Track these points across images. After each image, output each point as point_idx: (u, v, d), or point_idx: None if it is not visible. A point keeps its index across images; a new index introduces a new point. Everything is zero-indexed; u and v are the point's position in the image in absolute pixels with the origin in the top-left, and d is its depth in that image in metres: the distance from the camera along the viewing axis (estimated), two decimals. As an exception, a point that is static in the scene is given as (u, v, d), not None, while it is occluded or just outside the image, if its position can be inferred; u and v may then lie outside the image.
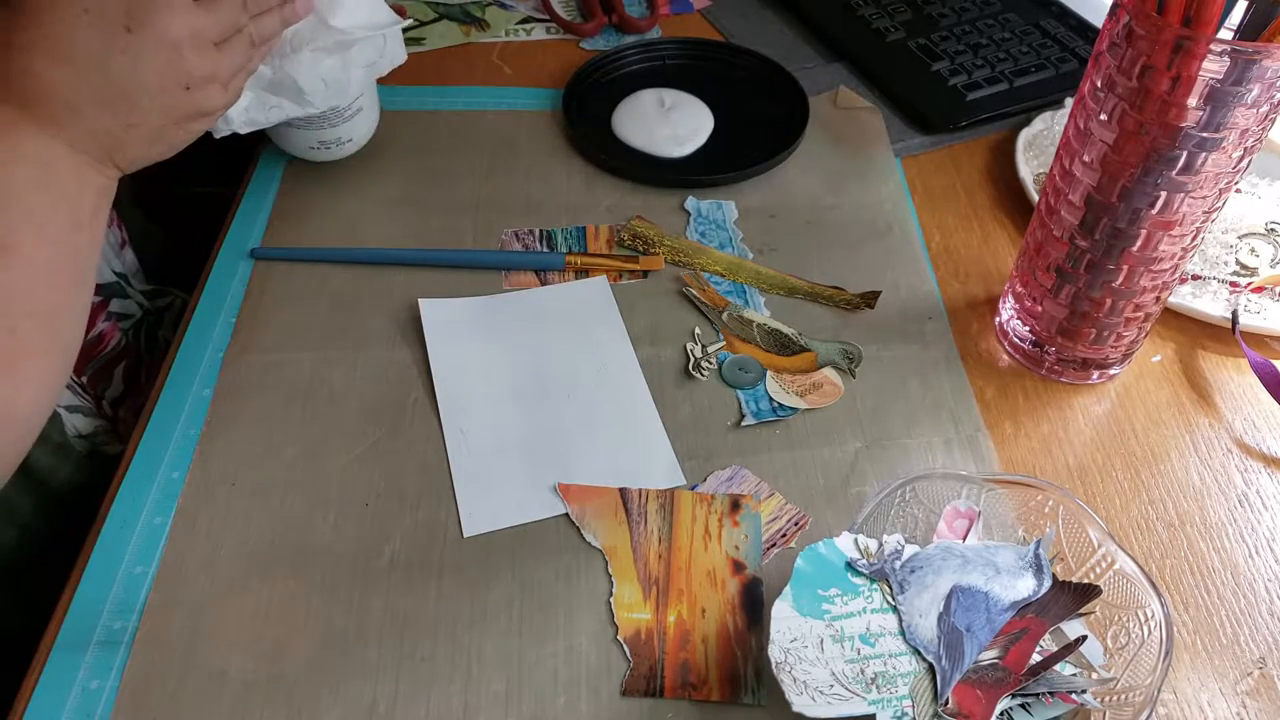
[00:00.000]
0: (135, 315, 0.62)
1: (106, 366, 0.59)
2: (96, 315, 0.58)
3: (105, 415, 0.58)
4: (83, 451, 0.56)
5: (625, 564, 0.46)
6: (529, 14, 0.83)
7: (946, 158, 0.71)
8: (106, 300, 0.59)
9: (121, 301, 0.60)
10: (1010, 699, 0.40)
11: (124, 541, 0.46)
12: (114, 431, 0.59)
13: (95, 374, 0.58)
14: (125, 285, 0.61)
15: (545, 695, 0.42)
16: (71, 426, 0.55)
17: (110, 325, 0.59)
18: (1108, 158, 0.47)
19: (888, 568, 0.41)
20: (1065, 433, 0.54)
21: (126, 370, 0.61)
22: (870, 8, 0.81)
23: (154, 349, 0.63)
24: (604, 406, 0.53)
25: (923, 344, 0.57)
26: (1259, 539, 0.49)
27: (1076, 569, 0.44)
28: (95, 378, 0.58)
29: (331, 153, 0.64)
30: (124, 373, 0.61)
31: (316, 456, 0.50)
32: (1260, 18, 0.42)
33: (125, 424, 0.60)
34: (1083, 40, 0.78)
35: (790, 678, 0.38)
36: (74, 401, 0.55)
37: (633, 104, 0.71)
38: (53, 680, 0.42)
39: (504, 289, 0.59)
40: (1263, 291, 0.60)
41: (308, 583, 0.45)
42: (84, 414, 0.56)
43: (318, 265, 0.60)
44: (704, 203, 0.65)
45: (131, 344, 0.61)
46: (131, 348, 0.61)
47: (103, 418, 0.58)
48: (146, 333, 0.63)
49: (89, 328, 0.57)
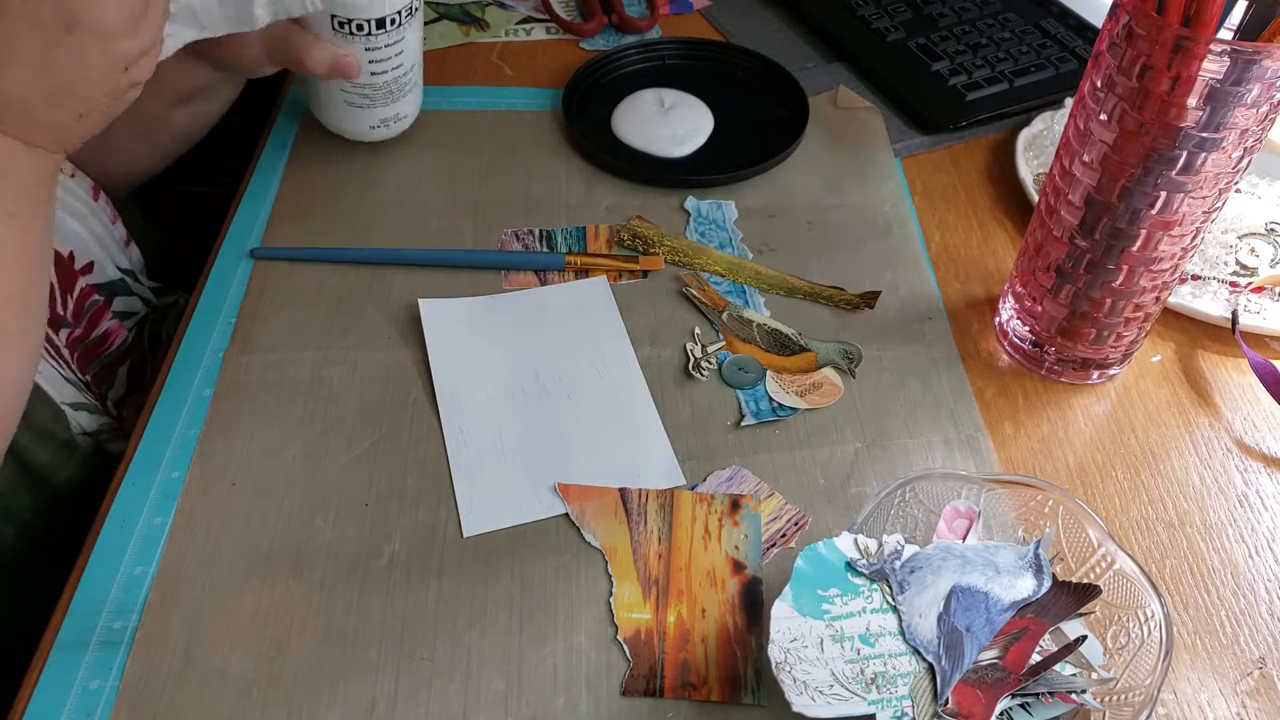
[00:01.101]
0: (139, 313, 0.62)
1: (111, 365, 0.59)
2: (102, 314, 0.58)
3: (110, 414, 0.58)
4: (87, 449, 0.56)
5: (625, 564, 0.46)
6: (529, 14, 0.83)
7: (946, 158, 0.71)
8: (110, 299, 0.59)
9: (126, 299, 0.61)
10: (1010, 699, 0.40)
11: (124, 541, 0.46)
12: (119, 430, 0.59)
13: (99, 373, 0.58)
14: (130, 282, 0.61)
15: (545, 695, 0.42)
16: (76, 423, 0.55)
17: (116, 324, 0.59)
18: (1108, 158, 0.47)
19: (888, 568, 0.41)
20: (1065, 433, 0.54)
21: (130, 370, 0.61)
22: (870, 8, 0.81)
23: (156, 348, 0.63)
24: (604, 406, 0.53)
25: (923, 344, 0.57)
26: (1259, 539, 0.49)
27: (1076, 569, 0.44)
28: (99, 377, 0.58)
29: (390, 130, 0.66)
30: (128, 372, 0.61)
31: (316, 456, 0.50)
32: (1260, 18, 0.42)
33: (129, 423, 0.60)
34: (1083, 40, 0.78)
35: (790, 678, 0.38)
36: (79, 399, 0.55)
37: (633, 104, 0.71)
38: (53, 680, 0.42)
39: (504, 289, 0.59)
40: (1263, 291, 0.60)
41: (308, 582, 0.45)
42: (89, 411, 0.56)
43: (318, 265, 0.60)
44: (704, 203, 0.65)
45: (135, 343, 0.62)
46: (135, 347, 0.61)
47: (108, 415, 0.58)
48: (150, 330, 0.63)
49: (95, 326, 0.58)
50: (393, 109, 0.64)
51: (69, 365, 0.55)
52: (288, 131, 0.69)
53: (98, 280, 0.58)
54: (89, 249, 0.57)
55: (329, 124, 0.65)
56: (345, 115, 0.64)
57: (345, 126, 0.65)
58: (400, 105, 0.64)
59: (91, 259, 0.57)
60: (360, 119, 0.64)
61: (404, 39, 0.60)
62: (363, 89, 0.62)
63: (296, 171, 0.66)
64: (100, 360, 0.58)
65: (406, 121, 0.67)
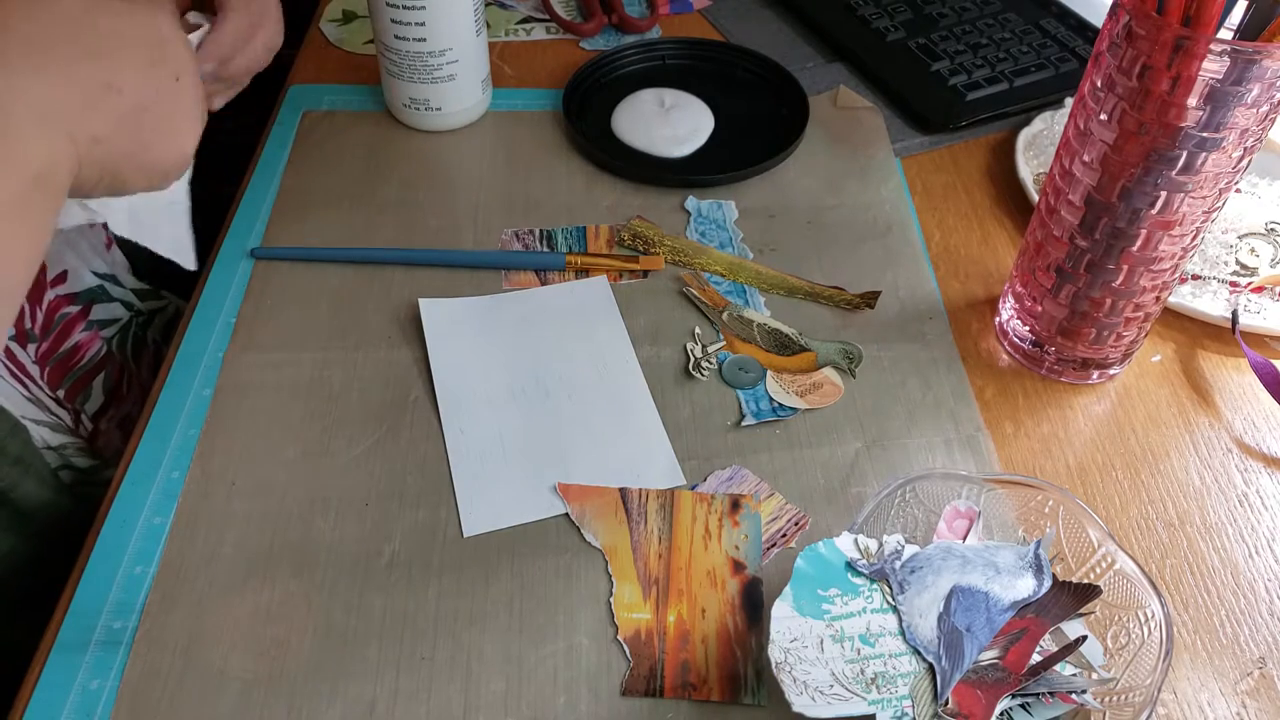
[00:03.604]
0: (121, 319, 0.61)
1: (84, 378, 0.58)
2: (74, 325, 0.57)
3: (83, 430, 0.57)
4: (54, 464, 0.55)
5: (625, 564, 0.46)
6: (529, 14, 0.83)
7: (946, 158, 0.71)
8: (87, 308, 0.58)
9: (105, 306, 0.59)
10: (1010, 699, 0.40)
11: (124, 541, 0.46)
12: (89, 446, 0.57)
13: (73, 386, 0.57)
14: (110, 287, 0.60)
15: (545, 695, 0.42)
16: (40, 438, 0.54)
17: (88, 335, 0.58)
18: (1108, 158, 0.47)
19: (888, 568, 0.41)
20: (1065, 433, 0.54)
21: (107, 380, 0.60)
22: (870, 8, 0.81)
23: (140, 353, 0.62)
24: (604, 406, 0.53)
25: (923, 344, 0.57)
26: (1259, 539, 0.49)
27: (1076, 569, 0.44)
28: (72, 390, 0.57)
29: (422, 116, 0.68)
30: (104, 383, 0.59)
31: (316, 456, 0.50)
32: (1260, 18, 0.42)
33: (106, 436, 0.58)
34: (1083, 40, 0.78)
35: (790, 678, 0.38)
36: (41, 417, 0.54)
37: (633, 104, 0.71)
38: (52, 680, 0.42)
39: (504, 289, 0.59)
40: (1263, 291, 0.60)
41: (308, 582, 0.45)
42: (51, 428, 0.55)
43: (318, 265, 0.60)
44: (704, 203, 0.65)
45: (115, 352, 0.60)
46: (113, 356, 0.60)
47: (78, 435, 0.57)
48: (135, 335, 0.62)
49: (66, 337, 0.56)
50: (423, 92, 0.66)
51: (35, 382, 0.54)
52: (288, 131, 0.69)
53: (72, 290, 0.56)
54: (62, 258, 0.55)
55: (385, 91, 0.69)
56: (386, 82, 0.68)
57: (386, 96, 0.69)
58: (433, 91, 0.66)
59: (65, 268, 0.56)
60: (394, 91, 0.68)
61: (426, 8, 0.62)
62: (390, 53, 0.65)
63: (296, 171, 0.66)
64: (73, 373, 0.57)
65: (443, 116, 0.68)
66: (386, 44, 0.65)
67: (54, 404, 0.55)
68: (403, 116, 0.69)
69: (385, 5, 0.63)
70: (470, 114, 0.70)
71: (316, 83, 0.74)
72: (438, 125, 0.69)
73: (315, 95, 0.73)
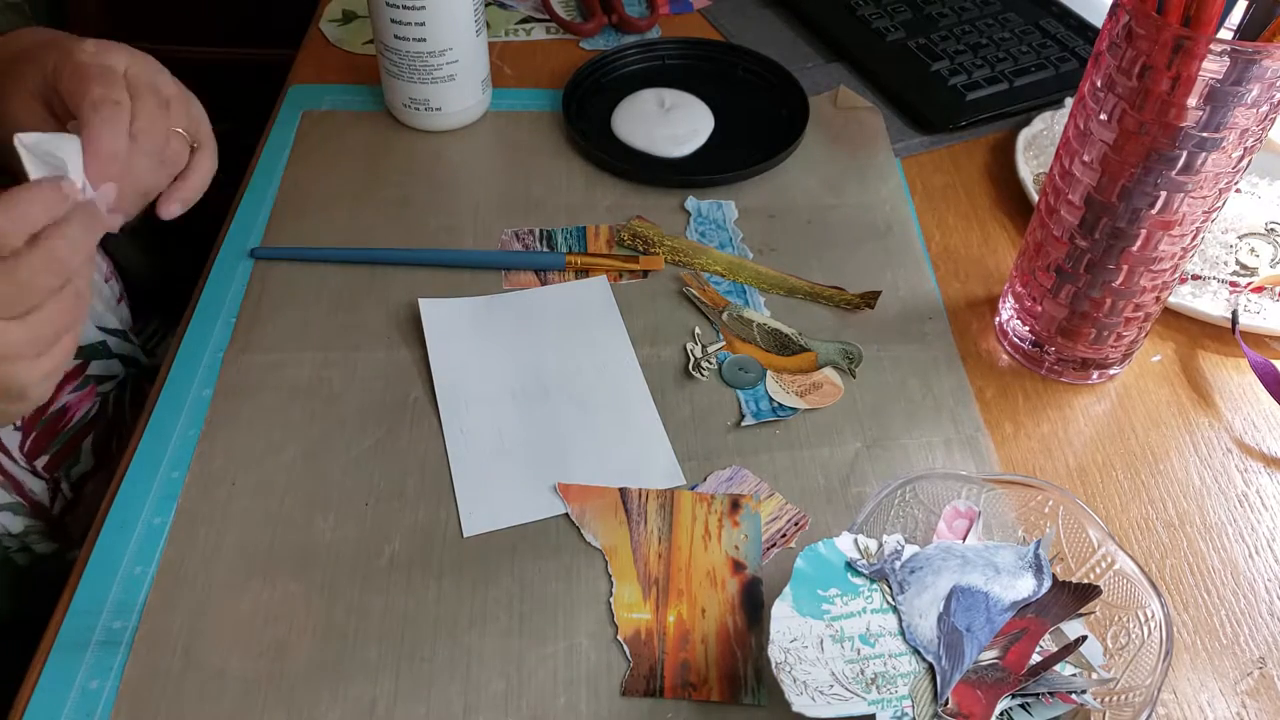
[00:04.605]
0: (119, 375, 0.58)
1: (73, 441, 0.55)
2: (63, 386, 0.54)
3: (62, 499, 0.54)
4: (11, 548, 0.53)
5: (625, 564, 0.46)
6: (529, 14, 0.83)
7: (946, 158, 0.71)
8: (83, 364, 0.55)
9: (104, 363, 0.57)
10: (1010, 699, 0.40)
11: (124, 541, 0.46)
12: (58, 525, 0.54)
13: (58, 452, 0.54)
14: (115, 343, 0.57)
15: (545, 695, 0.42)
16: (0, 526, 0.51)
17: (79, 396, 0.55)
18: (1108, 158, 0.47)
19: (888, 568, 0.41)
20: (1065, 433, 0.54)
21: (96, 441, 0.57)
22: (870, 8, 0.81)
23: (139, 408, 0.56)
24: (604, 406, 0.53)
25: (923, 344, 0.57)
26: (1259, 539, 0.49)
27: (1076, 569, 0.44)
28: (57, 457, 0.54)
29: (421, 116, 0.68)
30: (93, 444, 0.57)
31: (316, 456, 0.50)
32: (1260, 18, 0.42)
33: (90, 501, 0.55)
34: (1083, 40, 0.78)
35: (790, 678, 0.38)
36: (4, 500, 0.52)
37: (633, 104, 0.71)
38: (52, 680, 0.42)
39: (504, 289, 0.59)
40: (1263, 291, 0.60)
41: (308, 583, 0.45)
42: (13, 511, 0.52)
43: (318, 265, 0.60)
44: (704, 203, 0.65)
45: (110, 408, 0.58)
46: (107, 414, 0.57)
47: (45, 516, 0.54)
48: (132, 388, 0.59)
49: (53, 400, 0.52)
50: (423, 92, 0.67)
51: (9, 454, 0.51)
52: (288, 131, 0.69)
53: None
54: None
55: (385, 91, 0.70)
56: (386, 82, 0.68)
57: (385, 96, 0.69)
58: (433, 91, 0.67)
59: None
60: (394, 91, 0.68)
61: (426, 8, 0.62)
62: (390, 52, 0.65)
63: (296, 171, 0.66)
64: (60, 438, 0.54)
65: (443, 116, 0.68)
66: (386, 44, 0.65)
67: (30, 476, 0.53)
68: (403, 116, 0.69)
69: (385, 5, 0.63)
70: (470, 114, 0.70)
71: (316, 83, 0.74)
72: (438, 125, 0.69)
73: (315, 95, 0.73)
